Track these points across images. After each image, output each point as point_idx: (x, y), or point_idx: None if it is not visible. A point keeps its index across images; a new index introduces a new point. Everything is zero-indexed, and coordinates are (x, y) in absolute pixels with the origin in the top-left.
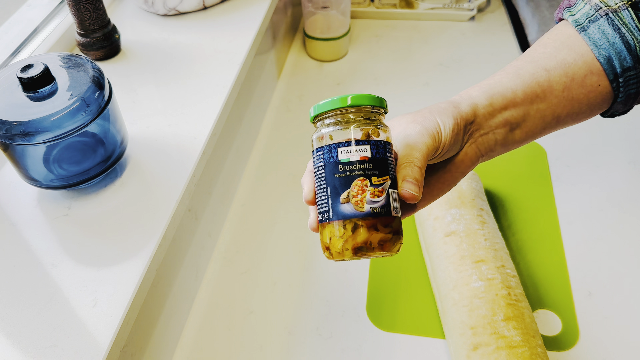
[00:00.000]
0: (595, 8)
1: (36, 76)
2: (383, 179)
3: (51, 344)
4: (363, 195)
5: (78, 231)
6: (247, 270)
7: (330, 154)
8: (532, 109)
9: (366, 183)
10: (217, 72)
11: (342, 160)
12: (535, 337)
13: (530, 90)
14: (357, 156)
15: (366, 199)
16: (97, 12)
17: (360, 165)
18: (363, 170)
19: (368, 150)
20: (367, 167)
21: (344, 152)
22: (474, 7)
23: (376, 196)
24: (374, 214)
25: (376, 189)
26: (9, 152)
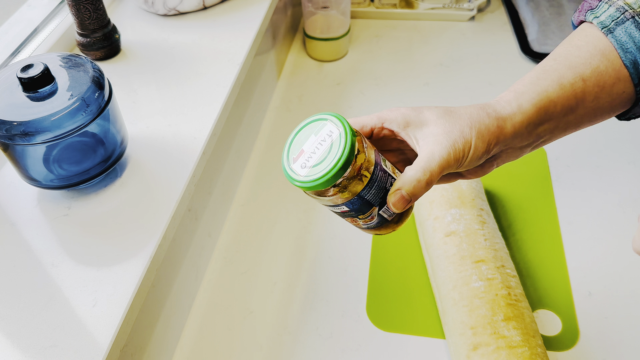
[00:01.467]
0: (621, 10)
1: (36, 76)
2: (369, 212)
3: (51, 344)
4: (357, 224)
5: (78, 231)
6: (247, 270)
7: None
8: (561, 121)
9: (355, 219)
10: (217, 72)
11: (332, 210)
12: (535, 337)
13: (567, 103)
14: (339, 210)
15: (360, 225)
16: (97, 12)
17: (344, 214)
18: (349, 215)
19: (345, 207)
20: (351, 213)
21: (331, 208)
22: (474, 7)
23: (368, 221)
24: (371, 228)
25: (365, 219)
26: (8, 152)
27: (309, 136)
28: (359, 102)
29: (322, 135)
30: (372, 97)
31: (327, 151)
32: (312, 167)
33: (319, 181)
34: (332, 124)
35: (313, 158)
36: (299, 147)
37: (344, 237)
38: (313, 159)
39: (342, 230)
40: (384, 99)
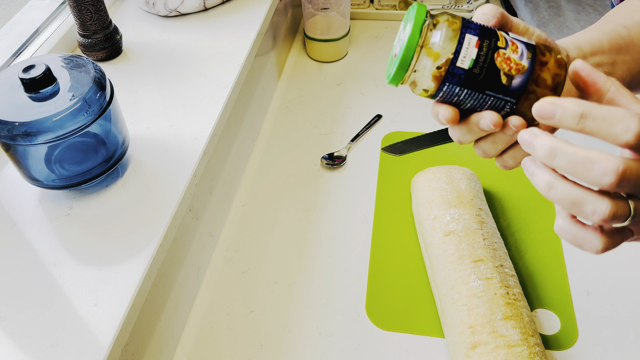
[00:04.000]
0: None
1: (38, 77)
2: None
3: (52, 343)
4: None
5: (79, 231)
6: (247, 269)
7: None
8: (618, 58)
9: (503, 53)
10: (218, 73)
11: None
12: (533, 336)
13: (614, 41)
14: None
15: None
16: (99, 13)
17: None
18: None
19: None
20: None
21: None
22: (473, 9)
23: (519, 54)
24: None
25: (510, 48)
26: (10, 153)
27: (404, 24)
28: (359, 102)
29: (404, 32)
30: (371, 97)
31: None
32: (391, 59)
33: (387, 80)
34: (409, 21)
35: (397, 49)
36: (401, 30)
37: (344, 237)
38: (397, 50)
39: (342, 230)
40: (383, 99)
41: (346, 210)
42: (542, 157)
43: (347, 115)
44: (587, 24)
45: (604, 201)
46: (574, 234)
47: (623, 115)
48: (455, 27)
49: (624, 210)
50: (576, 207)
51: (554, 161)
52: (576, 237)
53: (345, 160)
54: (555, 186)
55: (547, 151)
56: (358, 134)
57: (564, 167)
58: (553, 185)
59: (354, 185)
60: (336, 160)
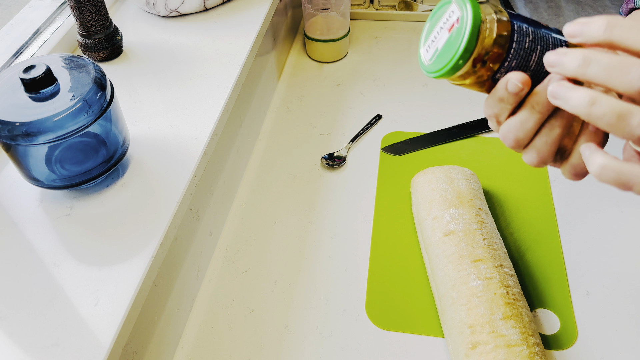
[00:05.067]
0: None
1: (38, 77)
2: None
3: (53, 343)
4: None
5: (80, 231)
6: (247, 269)
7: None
8: None
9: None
10: (218, 73)
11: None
12: (533, 336)
13: None
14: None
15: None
16: (99, 13)
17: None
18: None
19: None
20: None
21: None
22: None
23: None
24: None
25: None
26: (11, 153)
27: (442, 14)
28: (359, 102)
29: (445, 17)
30: (371, 97)
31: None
32: (434, 53)
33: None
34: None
35: (435, 42)
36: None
37: (344, 237)
38: (435, 44)
39: (342, 230)
40: (383, 100)
41: (346, 210)
42: (575, 68)
43: (347, 115)
44: None
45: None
46: (619, 170)
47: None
48: None
49: None
50: (622, 120)
51: (588, 69)
52: (621, 173)
53: (345, 160)
54: (599, 100)
55: (581, 59)
56: (358, 134)
57: (599, 73)
58: (596, 100)
59: (354, 185)
60: (336, 160)
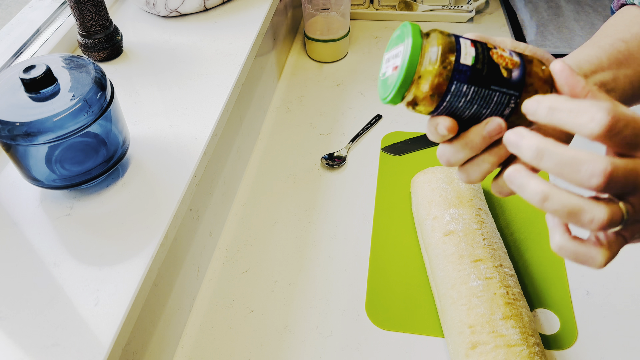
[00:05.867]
0: None
1: (38, 77)
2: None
3: (53, 343)
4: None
5: (80, 231)
6: (247, 269)
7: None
8: (620, 73)
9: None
10: (218, 73)
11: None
12: (533, 336)
13: (613, 56)
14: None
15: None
16: (99, 13)
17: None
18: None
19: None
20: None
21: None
22: (473, 9)
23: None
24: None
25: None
26: (11, 153)
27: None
28: (359, 102)
29: (394, 52)
30: (372, 97)
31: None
32: (383, 78)
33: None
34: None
35: (385, 68)
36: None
37: (344, 237)
38: (385, 70)
39: (342, 230)
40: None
41: (346, 210)
42: (530, 158)
43: (347, 116)
44: (586, 24)
45: (601, 208)
46: (574, 251)
47: (589, 106)
48: (449, 38)
49: (618, 214)
50: (573, 216)
51: (542, 162)
52: (577, 254)
53: (345, 160)
54: (551, 196)
55: (535, 151)
56: (358, 134)
57: (552, 168)
58: (549, 196)
59: (354, 185)
60: (336, 160)
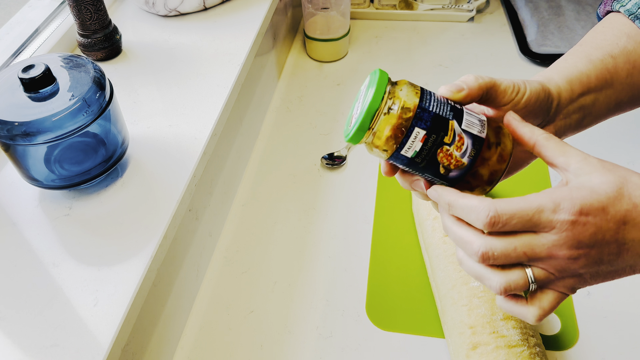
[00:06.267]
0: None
1: (37, 77)
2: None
3: (52, 343)
4: (454, 159)
5: (79, 231)
6: (247, 269)
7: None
8: (601, 95)
9: (446, 149)
10: (218, 73)
11: (413, 156)
12: (534, 337)
13: (601, 76)
14: (419, 144)
15: (459, 158)
16: (98, 12)
17: (427, 145)
18: (433, 145)
19: (418, 131)
20: (433, 139)
21: (410, 148)
22: (473, 8)
23: (463, 150)
24: (476, 158)
25: (456, 144)
26: (10, 153)
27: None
28: None
29: (362, 96)
30: None
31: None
32: (350, 117)
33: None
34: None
35: (356, 113)
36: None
37: (344, 237)
38: (356, 114)
39: (343, 230)
40: None
41: (346, 210)
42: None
43: (347, 115)
44: (587, 23)
45: (496, 275)
46: (509, 309)
47: (475, 206)
48: (408, 115)
49: (520, 279)
50: (481, 280)
51: (449, 235)
52: (512, 312)
53: (346, 160)
54: (464, 263)
55: (444, 227)
56: None
57: (454, 240)
58: (462, 262)
59: (354, 185)
60: (336, 160)
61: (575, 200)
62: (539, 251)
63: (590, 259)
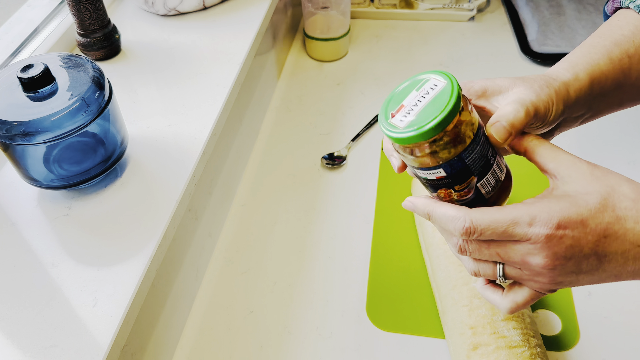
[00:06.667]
0: None
1: (36, 76)
2: (467, 181)
3: (51, 344)
4: (451, 198)
5: (78, 231)
6: (247, 270)
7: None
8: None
9: (449, 191)
10: (218, 72)
11: (423, 178)
12: (535, 337)
13: (616, 78)
14: (434, 176)
15: (455, 199)
16: (98, 12)
17: (439, 183)
18: (444, 185)
19: (442, 170)
20: (447, 181)
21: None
22: (474, 7)
23: (463, 195)
24: (467, 204)
25: (462, 191)
26: (9, 152)
27: (409, 92)
28: (359, 102)
29: (425, 89)
30: (372, 97)
31: (431, 102)
32: (412, 119)
33: (421, 130)
34: (437, 79)
35: (414, 110)
36: (397, 102)
37: (344, 237)
38: (414, 111)
39: (342, 230)
40: (384, 99)
41: (346, 210)
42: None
43: (348, 115)
44: (588, 23)
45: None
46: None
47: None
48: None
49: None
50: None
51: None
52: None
53: (346, 160)
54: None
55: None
56: (358, 133)
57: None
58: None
59: (354, 185)
60: (336, 160)
61: (553, 214)
62: (513, 256)
63: (567, 269)
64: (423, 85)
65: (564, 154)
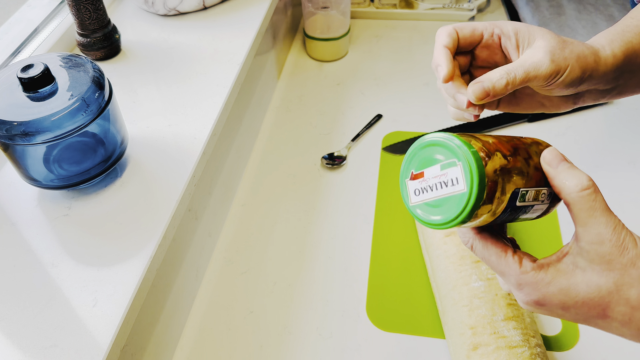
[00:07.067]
0: None
1: (36, 76)
2: None
3: (51, 344)
4: None
5: (78, 231)
6: (247, 270)
7: None
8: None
9: None
10: (217, 72)
11: None
12: (535, 337)
13: None
14: None
15: None
16: (97, 12)
17: None
18: None
19: None
20: None
21: None
22: (474, 7)
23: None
24: None
25: None
26: (9, 152)
27: (433, 161)
28: (359, 102)
29: (448, 177)
30: (372, 97)
31: (447, 199)
32: (427, 201)
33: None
34: (461, 173)
35: (430, 193)
36: (421, 164)
37: (344, 237)
38: (430, 194)
39: (342, 230)
40: (384, 99)
41: (346, 211)
42: None
43: (348, 115)
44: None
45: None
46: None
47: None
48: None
49: None
50: None
51: None
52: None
53: (346, 160)
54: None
55: None
56: (358, 133)
57: None
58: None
59: (354, 185)
60: (336, 160)
61: (541, 293)
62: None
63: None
64: (448, 168)
65: (596, 221)
